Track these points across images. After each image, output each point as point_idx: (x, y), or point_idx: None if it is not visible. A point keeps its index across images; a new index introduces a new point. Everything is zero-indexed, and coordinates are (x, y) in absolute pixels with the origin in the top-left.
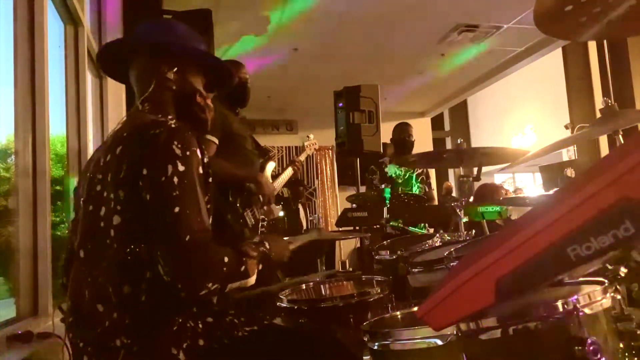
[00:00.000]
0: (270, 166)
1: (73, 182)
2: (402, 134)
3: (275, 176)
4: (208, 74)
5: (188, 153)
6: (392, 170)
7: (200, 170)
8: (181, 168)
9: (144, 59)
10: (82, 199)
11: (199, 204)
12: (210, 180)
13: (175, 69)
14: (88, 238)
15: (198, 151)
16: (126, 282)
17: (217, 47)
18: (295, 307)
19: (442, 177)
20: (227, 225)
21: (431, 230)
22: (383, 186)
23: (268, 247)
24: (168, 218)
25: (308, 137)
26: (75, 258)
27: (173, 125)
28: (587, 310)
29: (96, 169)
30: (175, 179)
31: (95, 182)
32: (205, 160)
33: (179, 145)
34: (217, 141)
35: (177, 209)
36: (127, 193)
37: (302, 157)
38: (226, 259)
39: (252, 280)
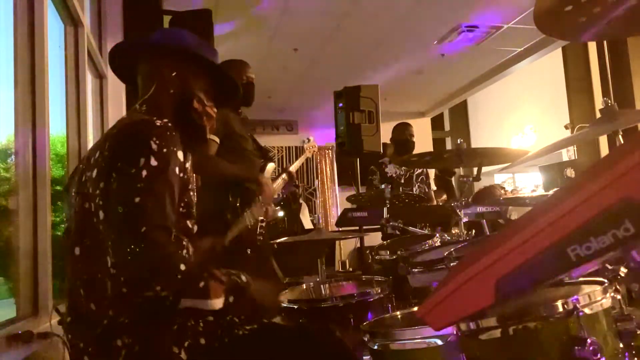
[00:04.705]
0: (271, 167)
1: None
2: (403, 134)
3: (273, 179)
4: (212, 84)
5: (165, 150)
6: (392, 170)
7: (178, 173)
8: (154, 163)
9: (148, 61)
10: (72, 196)
11: (164, 201)
12: (190, 187)
13: (175, 73)
14: (85, 235)
15: (179, 153)
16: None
17: (217, 47)
18: (296, 307)
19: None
20: (227, 225)
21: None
22: (383, 186)
23: (245, 280)
24: (127, 208)
25: (308, 139)
26: (70, 256)
27: (158, 123)
28: (587, 310)
29: (87, 167)
30: (144, 172)
31: (84, 179)
32: (187, 165)
33: (157, 142)
34: (218, 140)
35: (137, 199)
36: (104, 186)
37: (297, 165)
38: (182, 267)
39: (216, 305)
